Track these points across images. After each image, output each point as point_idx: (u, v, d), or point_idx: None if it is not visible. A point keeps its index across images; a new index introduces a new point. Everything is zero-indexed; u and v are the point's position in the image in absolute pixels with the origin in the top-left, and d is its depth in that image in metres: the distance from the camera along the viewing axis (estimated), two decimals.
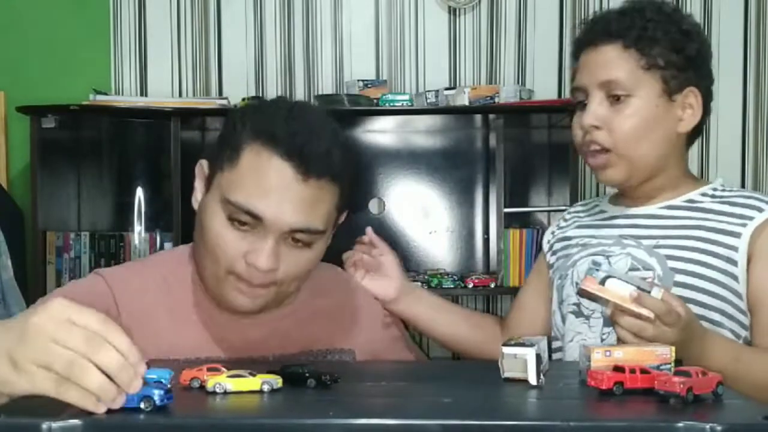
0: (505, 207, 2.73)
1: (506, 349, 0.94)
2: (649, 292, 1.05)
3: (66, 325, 0.77)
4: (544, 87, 3.00)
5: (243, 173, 1.13)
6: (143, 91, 3.01)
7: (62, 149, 2.85)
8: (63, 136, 2.83)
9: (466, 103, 2.77)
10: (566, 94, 2.99)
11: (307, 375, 0.90)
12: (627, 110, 1.29)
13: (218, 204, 1.14)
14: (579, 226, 1.45)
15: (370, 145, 3.04)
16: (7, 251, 2.21)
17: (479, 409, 0.85)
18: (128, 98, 2.91)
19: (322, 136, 1.14)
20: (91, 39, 3.01)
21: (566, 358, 1.33)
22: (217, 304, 1.21)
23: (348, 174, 1.18)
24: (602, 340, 1.29)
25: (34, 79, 2.93)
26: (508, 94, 2.79)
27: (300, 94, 3.01)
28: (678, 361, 0.93)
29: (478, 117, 2.94)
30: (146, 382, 0.80)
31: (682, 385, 0.82)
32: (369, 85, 2.89)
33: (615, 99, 1.29)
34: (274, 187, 1.11)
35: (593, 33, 1.34)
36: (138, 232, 2.93)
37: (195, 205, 1.22)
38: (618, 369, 0.87)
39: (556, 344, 1.39)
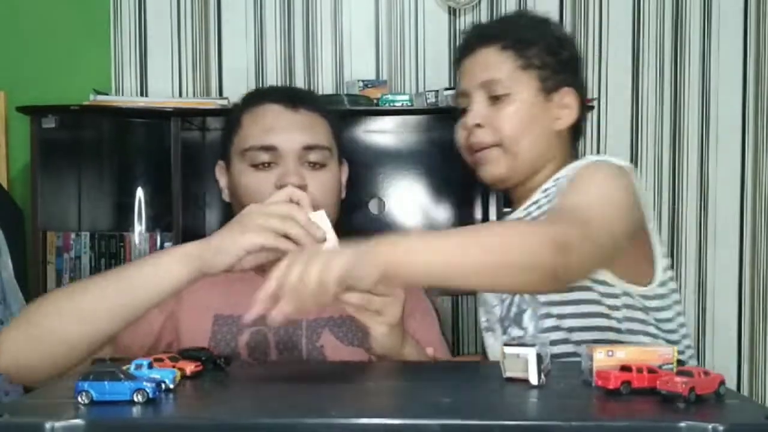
0: (505, 207, 2.72)
1: (507, 349, 0.94)
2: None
3: (270, 208, 1.15)
4: None
5: (247, 129, 1.37)
6: (143, 92, 3.00)
7: (62, 149, 2.85)
8: (63, 136, 2.82)
9: None
10: None
11: (203, 359, 1.01)
12: (508, 108, 1.34)
13: (240, 163, 1.35)
14: None
15: (370, 145, 3.03)
16: (8, 250, 2.21)
17: (480, 409, 0.86)
18: (128, 98, 2.90)
19: (301, 89, 1.49)
20: (92, 39, 3.00)
21: None
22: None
23: (333, 114, 1.42)
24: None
25: (34, 79, 2.92)
26: None
27: None
28: (680, 362, 0.93)
29: None
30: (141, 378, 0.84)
31: (684, 385, 0.82)
32: (369, 85, 2.89)
33: (495, 99, 1.34)
34: (273, 122, 1.35)
35: (471, 40, 1.42)
36: (138, 232, 2.93)
37: (227, 197, 1.42)
38: (625, 368, 0.87)
39: None
